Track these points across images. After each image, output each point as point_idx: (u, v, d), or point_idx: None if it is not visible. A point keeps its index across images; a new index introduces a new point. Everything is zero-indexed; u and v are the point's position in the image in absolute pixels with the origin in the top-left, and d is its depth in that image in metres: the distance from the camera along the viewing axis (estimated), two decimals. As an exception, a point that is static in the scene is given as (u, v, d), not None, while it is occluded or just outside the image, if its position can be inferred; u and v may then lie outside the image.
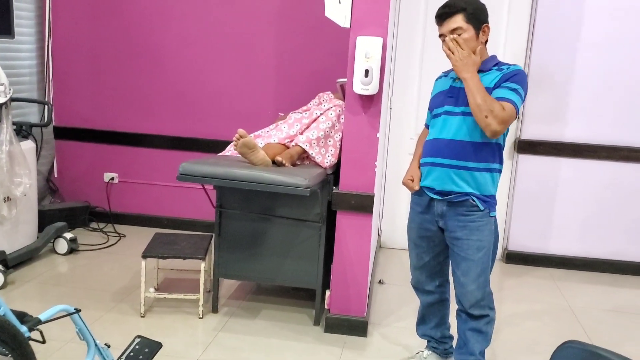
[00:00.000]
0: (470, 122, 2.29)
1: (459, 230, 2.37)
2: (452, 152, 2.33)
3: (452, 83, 2.41)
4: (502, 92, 2.25)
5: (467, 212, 2.34)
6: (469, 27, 2.28)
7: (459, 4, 2.29)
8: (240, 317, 3.21)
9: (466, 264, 2.38)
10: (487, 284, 2.41)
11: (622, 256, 4.28)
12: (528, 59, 4.15)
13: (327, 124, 3.18)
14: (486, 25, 2.34)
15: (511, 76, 2.28)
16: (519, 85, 2.27)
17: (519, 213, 4.32)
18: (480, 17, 2.32)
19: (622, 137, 4.12)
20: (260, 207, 3.11)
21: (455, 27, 2.28)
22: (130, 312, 3.17)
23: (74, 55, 4.54)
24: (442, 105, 2.41)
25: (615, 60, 4.06)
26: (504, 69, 2.33)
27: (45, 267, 3.75)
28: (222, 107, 4.44)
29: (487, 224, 2.36)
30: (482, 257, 2.36)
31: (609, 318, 3.52)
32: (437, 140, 2.39)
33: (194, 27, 4.37)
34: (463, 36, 2.27)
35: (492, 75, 2.31)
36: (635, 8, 3.98)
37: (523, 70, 2.32)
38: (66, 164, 4.71)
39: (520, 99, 2.27)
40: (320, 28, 4.11)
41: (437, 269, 2.57)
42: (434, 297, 2.62)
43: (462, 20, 2.28)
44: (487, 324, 2.44)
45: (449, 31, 2.30)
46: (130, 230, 4.54)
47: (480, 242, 2.35)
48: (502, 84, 2.27)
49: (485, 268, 2.38)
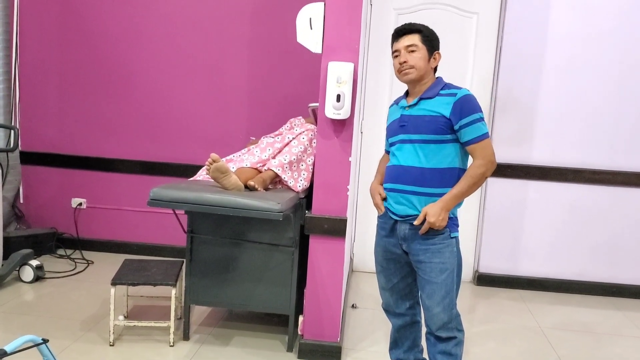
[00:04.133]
0: (427, 150, 2.35)
1: (421, 253, 2.39)
2: (410, 178, 2.38)
3: (402, 112, 2.47)
4: (470, 132, 2.31)
5: (429, 235, 2.37)
6: (423, 47, 2.40)
7: (417, 26, 2.43)
8: (212, 345, 3.16)
9: (430, 287, 2.39)
10: (454, 305, 2.41)
11: (588, 277, 4.36)
12: (495, 84, 4.25)
13: (300, 148, 3.19)
14: (437, 52, 2.45)
15: (464, 107, 2.32)
16: (476, 113, 2.32)
17: (489, 235, 4.38)
18: (434, 43, 2.43)
19: (585, 159, 4.23)
20: (232, 232, 3.09)
21: (411, 44, 2.39)
22: (99, 341, 3.09)
23: (41, 80, 4.49)
24: (396, 134, 2.47)
25: (577, 85, 4.18)
26: (452, 93, 2.35)
27: (10, 295, 3.65)
28: (193, 131, 4.42)
29: (448, 246, 2.38)
30: (446, 279, 2.37)
31: (578, 337, 3.56)
32: (396, 167, 2.45)
33: (164, 51, 4.36)
34: (416, 54, 2.38)
35: (442, 102, 2.35)
36: (594, 35, 4.12)
37: (470, 93, 2.37)
38: (33, 189, 4.62)
39: (484, 124, 2.35)
40: (292, 53, 4.15)
41: (406, 291, 2.57)
42: (405, 320, 2.62)
43: (418, 39, 2.39)
44: (455, 345, 2.44)
45: (404, 47, 2.40)
46: (99, 256, 4.46)
47: (442, 264, 2.37)
48: (461, 120, 2.31)
49: (450, 290, 2.39)
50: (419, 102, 2.40)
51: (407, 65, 2.38)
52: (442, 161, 2.35)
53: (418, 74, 2.39)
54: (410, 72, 2.39)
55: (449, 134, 2.34)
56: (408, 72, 2.39)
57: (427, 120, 2.35)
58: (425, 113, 2.37)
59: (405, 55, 2.39)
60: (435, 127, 2.33)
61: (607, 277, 4.35)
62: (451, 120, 2.32)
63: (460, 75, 4.17)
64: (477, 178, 2.34)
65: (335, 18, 2.83)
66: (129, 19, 4.35)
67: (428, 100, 2.39)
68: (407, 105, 2.43)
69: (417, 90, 2.44)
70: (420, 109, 2.39)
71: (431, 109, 2.36)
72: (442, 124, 2.33)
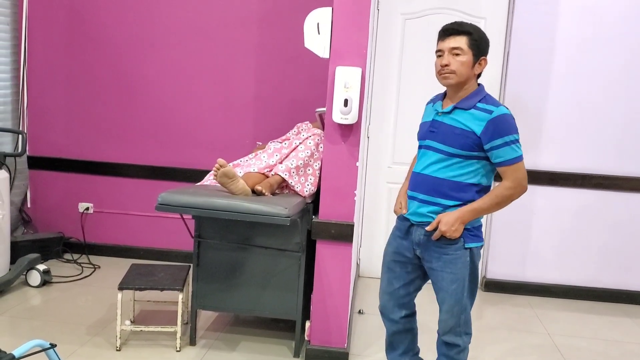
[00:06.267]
0: (452, 162, 2.29)
1: (434, 261, 2.37)
2: (428, 188, 2.34)
3: (434, 116, 2.39)
4: (503, 153, 2.24)
5: (443, 244, 2.33)
6: (469, 51, 2.26)
7: (467, 27, 2.28)
8: (218, 350, 3.15)
9: (442, 295, 2.39)
10: (463, 311, 2.38)
11: (596, 283, 4.33)
12: (503, 89, 4.23)
13: (306, 153, 3.19)
14: (484, 58, 2.31)
15: (498, 127, 2.22)
16: (511, 135, 2.23)
17: (497, 241, 4.36)
18: (482, 47, 2.30)
19: (593, 165, 4.21)
20: (240, 236, 3.09)
21: (456, 47, 2.25)
22: (106, 346, 3.09)
23: (49, 85, 4.50)
24: (424, 138, 2.40)
25: (585, 90, 4.16)
26: (489, 110, 2.24)
27: (18, 300, 3.65)
28: (200, 136, 4.42)
29: (461, 257, 2.33)
30: (457, 288, 2.34)
31: (587, 345, 3.54)
32: (417, 174, 2.41)
33: (171, 56, 4.37)
34: (460, 58, 2.26)
35: (476, 117, 2.25)
36: (602, 40, 4.10)
37: (507, 113, 2.26)
38: (40, 194, 4.63)
39: (519, 146, 2.26)
40: (299, 58, 4.15)
41: (404, 300, 2.53)
42: (397, 327, 2.58)
43: (465, 42, 2.25)
44: (458, 353, 2.43)
45: (449, 48, 2.27)
46: (106, 261, 4.46)
47: (453, 274, 2.33)
48: (492, 141, 2.23)
49: (460, 299, 2.35)
50: (453, 110, 2.31)
51: (448, 69, 2.26)
52: (464, 176, 2.30)
53: (458, 80, 2.27)
54: (450, 77, 2.27)
55: (477, 151, 2.26)
56: (448, 77, 2.28)
57: (458, 133, 2.27)
58: (457, 124, 2.28)
59: (448, 57, 2.26)
60: (464, 143, 2.25)
61: (617, 284, 4.32)
62: (481, 139, 2.23)
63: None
64: (503, 199, 2.28)
65: (343, 23, 2.83)
66: (137, 25, 4.36)
67: (463, 111, 2.29)
68: (441, 111, 2.35)
69: (455, 96, 2.33)
70: (453, 118, 2.30)
71: (464, 122, 2.27)
72: (472, 140, 2.25)
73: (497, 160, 2.27)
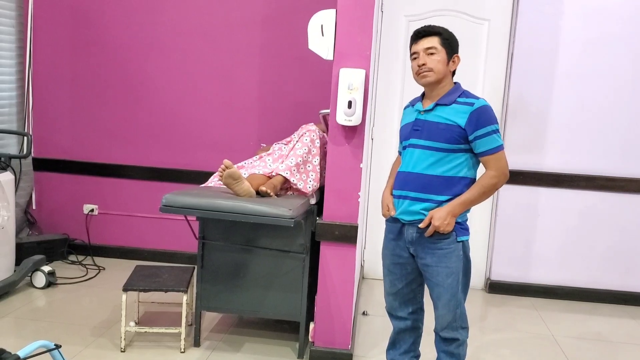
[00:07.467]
0: (439, 157, 2.36)
1: (428, 257, 2.40)
2: (418, 186, 2.39)
3: (417, 115, 2.45)
4: (485, 143, 2.32)
5: (436, 239, 2.37)
6: (442, 50, 2.38)
7: (437, 28, 2.42)
8: (222, 351, 3.15)
9: (438, 290, 2.42)
10: (458, 305, 2.43)
11: (601, 285, 4.32)
12: (507, 90, 4.23)
13: (303, 150, 3.18)
14: (457, 55, 2.44)
15: (481, 118, 2.32)
16: (492, 125, 2.32)
17: (501, 243, 4.35)
18: (453, 46, 2.42)
19: (597, 166, 4.20)
20: (244, 238, 3.10)
21: (430, 46, 2.37)
22: (110, 347, 3.10)
23: (54, 87, 4.52)
24: (408, 138, 2.46)
25: (589, 91, 4.16)
26: (470, 103, 2.35)
27: (23, 301, 3.67)
28: (204, 138, 4.44)
29: (454, 251, 2.38)
30: (452, 282, 2.39)
31: (592, 346, 3.53)
32: (405, 173, 2.45)
33: (176, 58, 4.39)
34: (435, 57, 2.37)
35: (458, 110, 2.34)
36: (606, 41, 4.10)
37: (487, 104, 2.36)
38: (45, 195, 4.65)
39: (499, 135, 2.36)
40: (303, 60, 4.16)
41: (410, 296, 2.57)
42: (406, 324, 2.61)
43: (437, 42, 2.38)
44: (457, 347, 2.47)
45: (423, 49, 2.38)
46: (110, 262, 4.47)
47: (448, 268, 2.38)
48: (476, 131, 2.31)
49: (455, 293, 2.41)
50: (435, 107, 2.40)
51: (425, 67, 2.37)
52: (452, 170, 2.36)
53: (436, 77, 2.38)
54: (428, 74, 2.38)
55: (462, 143, 2.34)
56: (426, 75, 2.38)
57: (442, 128, 2.35)
58: (440, 120, 2.36)
59: (424, 57, 2.38)
60: (450, 136, 2.33)
61: (621, 285, 4.31)
62: (466, 131, 2.32)
63: (471, 82, 4.15)
64: (488, 188, 2.35)
65: (347, 25, 2.83)
66: (141, 27, 4.38)
67: (444, 107, 2.38)
68: (423, 110, 2.42)
69: (434, 94, 2.43)
70: (436, 115, 2.38)
71: (447, 117, 2.35)
72: (457, 133, 2.33)
73: (480, 150, 2.35)
